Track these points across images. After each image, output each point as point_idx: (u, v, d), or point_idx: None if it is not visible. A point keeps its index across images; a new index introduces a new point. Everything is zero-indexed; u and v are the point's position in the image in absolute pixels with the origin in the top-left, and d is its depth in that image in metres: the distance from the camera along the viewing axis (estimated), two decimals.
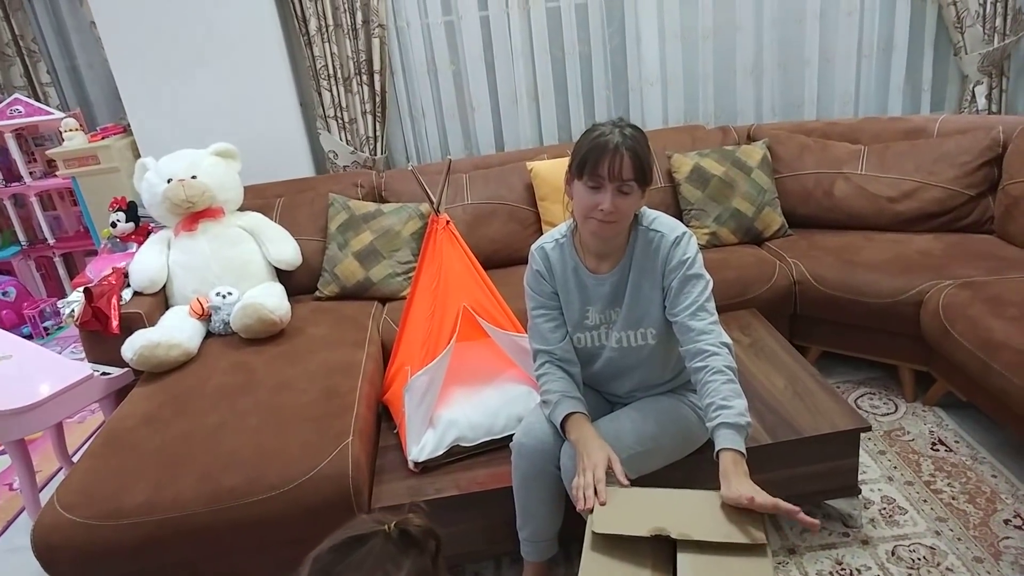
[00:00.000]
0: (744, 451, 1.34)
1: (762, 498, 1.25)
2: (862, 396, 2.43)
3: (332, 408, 1.90)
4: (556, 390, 1.58)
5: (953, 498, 1.93)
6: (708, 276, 1.55)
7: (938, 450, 2.12)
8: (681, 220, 2.68)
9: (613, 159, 1.40)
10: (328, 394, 1.97)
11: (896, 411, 2.33)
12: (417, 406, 1.84)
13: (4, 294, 3.72)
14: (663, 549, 1.22)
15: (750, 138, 2.94)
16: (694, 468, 1.64)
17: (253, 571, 1.79)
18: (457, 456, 1.85)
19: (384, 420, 2.08)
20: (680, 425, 1.63)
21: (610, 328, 1.63)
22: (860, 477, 2.03)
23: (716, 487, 1.31)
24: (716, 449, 1.35)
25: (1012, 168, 2.43)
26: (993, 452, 2.08)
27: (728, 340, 1.48)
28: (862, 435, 2.17)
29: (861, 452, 2.13)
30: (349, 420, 1.85)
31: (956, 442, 2.14)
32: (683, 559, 1.18)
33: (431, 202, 1.99)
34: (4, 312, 3.70)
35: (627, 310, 1.59)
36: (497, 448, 1.85)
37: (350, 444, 1.76)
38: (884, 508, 1.94)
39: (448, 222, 1.99)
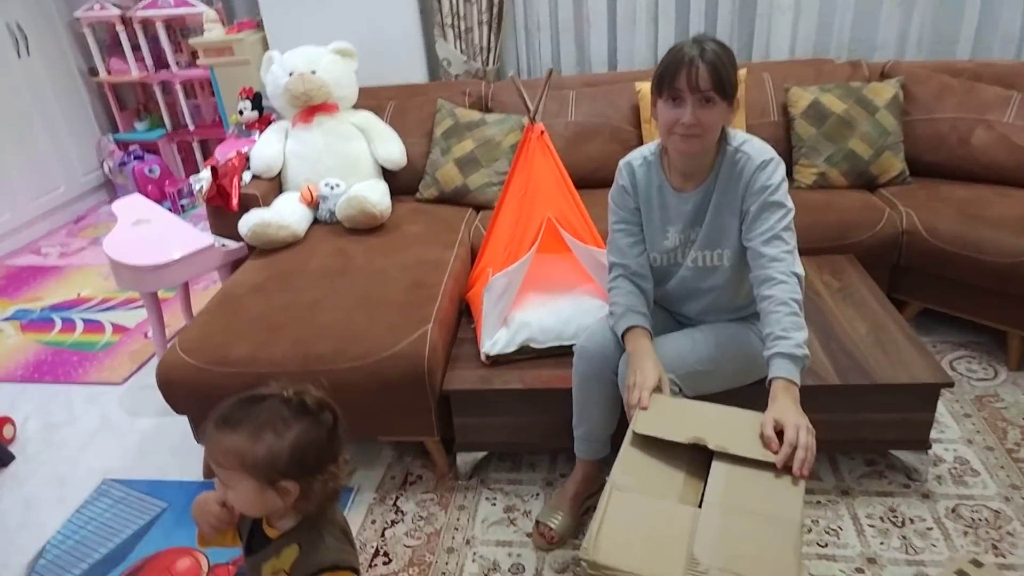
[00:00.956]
0: (797, 381, 1.35)
1: (794, 430, 1.24)
2: (960, 358, 2.31)
3: (418, 298, 2.04)
4: (623, 303, 1.62)
5: None
6: (791, 205, 1.52)
7: None
8: (790, 158, 2.62)
9: (690, 71, 1.39)
10: (416, 285, 2.10)
11: (995, 377, 2.21)
12: (494, 305, 1.94)
13: (150, 171, 4.10)
14: (699, 458, 1.27)
15: (884, 75, 2.74)
16: (753, 397, 1.64)
17: None
18: (527, 355, 1.95)
19: (465, 316, 2.20)
20: (743, 352, 1.64)
21: (688, 247, 1.64)
22: (937, 436, 1.99)
23: None
24: (769, 377, 1.37)
25: None
26: None
27: (800, 271, 1.46)
28: (947, 394, 2.11)
29: (944, 412, 2.07)
30: (431, 310, 1.97)
31: None
32: (717, 468, 1.23)
33: (528, 110, 2.03)
34: (149, 187, 4.09)
35: (706, 230, 1.59)
36: (565, 353, 1.92)
37: (429, 330, 1.89)
38: (955, 468, 1.88)
39: (543, 132, 2.02)
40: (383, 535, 1.86)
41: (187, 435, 2.13)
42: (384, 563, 1.77)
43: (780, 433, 1.27)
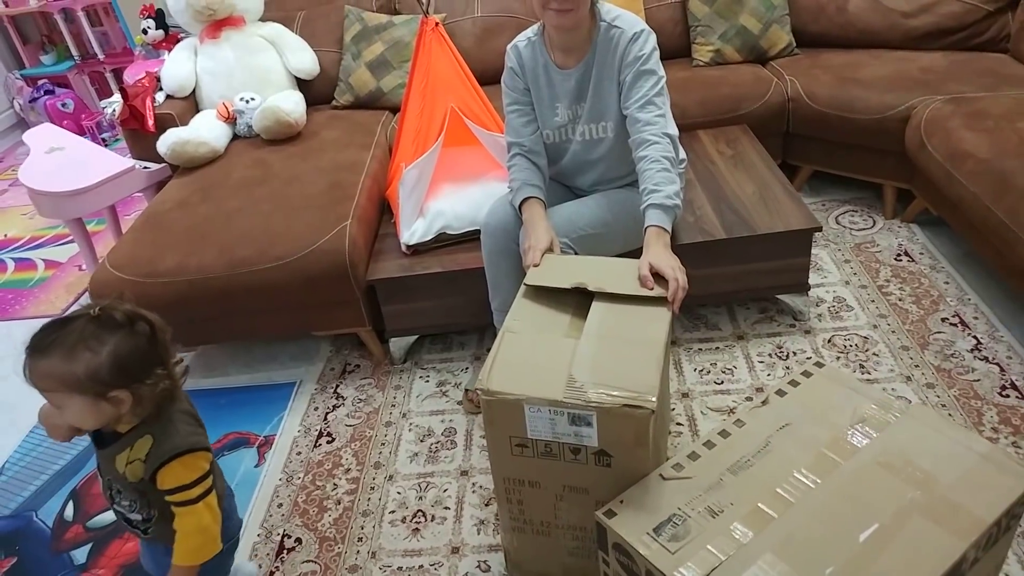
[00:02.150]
0: (668, 228, 1.51)
1: (670, 270, 1.39)
2: (844, 213, 2.53)
3: (336, 197, 2.13)
4: (520, 178, 1.75)
5: (900, 300, 2.09)
6: (662, 73, 1.64)
7: (900, 260, 2.24)
8: (688, 37, 2.73)
9: None
10: (333, 186, 2.19)
11: (873, 226, 2.43)
12: (408, 196, 2.05)
13: (63, 105, 4.01)
14: (584, 303, 1.43)
15: None
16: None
17: (262, 330, 2.14)
18: (444, 243, 2.08)
19: (386, 214, 2.31)
20: (634, 214, 1.76)
21: (576, 123, 1.76)
22: (820, 281, 2.20)
23: None
24: (644, 226, 1.52)
25: None
26: (953, 263, 2.20)
27: (673, 132, 1.60)
28: (830, 244, 2.32)
29: (827, 259, 2.29)
30: (349, 207, 2.08)
31: (920, 254, 2.26)
32: (596, 307, 1.39)
33: (420, 4, 2.08)
34: (64, 123, 4.00)
35: (590, 104, 1.71)
36: (479, 238, 2.06)
37: (348, 226, 2.00)
38: (833, 306, 2.11)
39: (437, 24, 2.08)
40: (325, 419, 2.02)
41: None
42: (328, 442, 1.94)
43: (655, 274, 1.43)
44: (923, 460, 1.16)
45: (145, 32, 2.89)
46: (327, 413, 2.03)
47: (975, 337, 1.93)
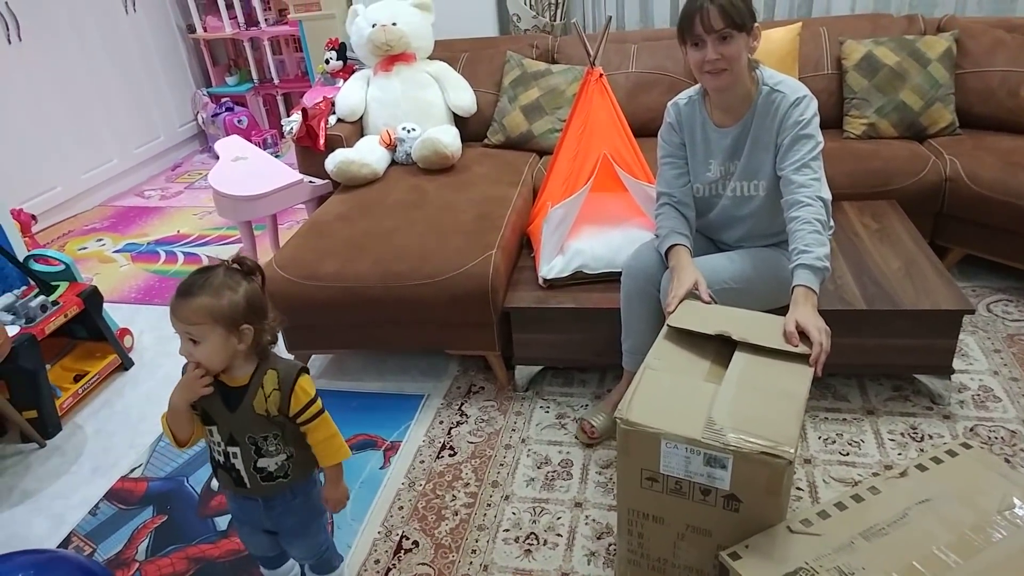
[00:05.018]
0: (816, 289, 1.52)
1: (816, 331, 1.41)
2: (997, 301, 2.42)
3: (483, 227, 2.27)
4: (667, 226, 1.82)
5: None
6: (820, 138, 1.67)
7: None
8: (841, 109, 2.73)
9: (702, 15, 1.58)
10: (482, 217, 2.34)
11: None
12: (551, 233, 2.16)
13: (239, 122, 4.45)
14: (725, 351, 1.46)
15: (940, 29, 2.79)
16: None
17: (402, 341, 2.29)
18: (580, 280, 2.16)
19: (526, 248, 2.43)
20: (776, 273, 1.81)
21: (728, 179, 1.82)
22: (965, 368, 2.12)
23: None
24: (792, 285, 1.55)
25: None
26: None
27: (826, 196, 1.63)
28: (979, 332, 2.23)
29: (974, 347, 2.20)
30: (495, 237, 2.21)
31: None
32: (738, 356, 1.42)
33: (588, 54, 2.21)
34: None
35: (744, 162, 1.76)
36: (615, 279, 2.11)
37: (493, 254, 2.13)
38: (978, 395, 2.02)
39: (601, 75, 2.20)
40: (449, 433, 2.12)
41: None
42: (450, 455, 2.04)
43: (800, 332, 1.45)
44: None
45: (327, 62, 3.21)
46: (451, 428, 2.14)
47: None
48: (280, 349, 2.33)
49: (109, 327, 2.51)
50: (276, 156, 4.50)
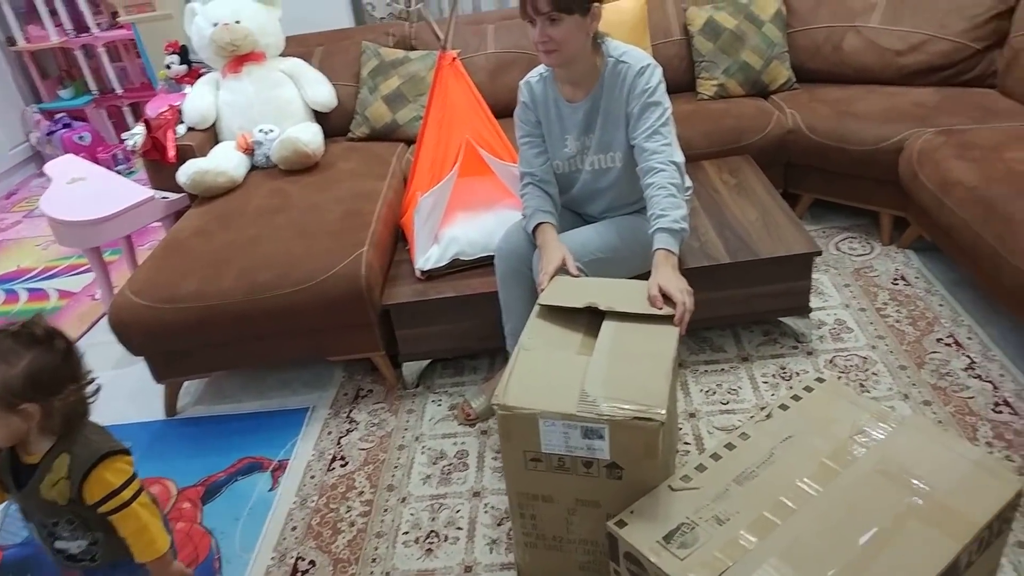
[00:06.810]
0: (675, 251, 1.58)
1: (678, 293, 1.47)
2: (843, 239, 2.61)
3: (353, 225, 2.21)
4: (532, 205, 1.83)
5: (897, 322, 2.16)
6: (668, 104, 1.73)
7: (897, 284, 2.32)
8: (693, 72, 2.84)
9: None
10: (350, 214, 2.28)
11: (871, 252, 2.51)
12: (424, 223, 2.13)
13: (80, 138, 4.12)
14: (595, 322, 1.50)
15: None
16: None
17: (278, 355, 2.21)
18: (457, 268, 2.15)
19: (401, 242, 2.39)
20: (640, 240, 1.84)
21: (585, 154, 1.85)
22: (821, 304, 2.27)
23: None
24: (652, 249, 1.60)
25: (1021, 21, 2.43)
26: (947, 287, 2.28)
27: (679, 159, 1.69)
28: (831, 269, 2.40)
29: (827, 284, 2.37)
30: (366, 234, 2.15)
31: (916, 278, 2.34)
32: (606, 325, 1.46)
33: (438, 38, 2.18)
34: (81, 155, 4.09)
35: (599, 135, 1.79)
36: (492, 264, 2.13)
37: (364, 252, 2.07)
38: (834, 328, 2.18)
39: (454, 59, 2.18)
40: (339, 443, 2.06)
41: (144, 380, 2.23)
42: (341, 466, 1.98)
43: (663, 295, 1.50)
44: (919, 467, 1.22)
45: (168, 67, 3.01)
46: (340, 437, 2.08)
47: (969, 357, 1.99)
48: (146, 382, 2.19)
49: None
50: (129, 172, 4.21)
